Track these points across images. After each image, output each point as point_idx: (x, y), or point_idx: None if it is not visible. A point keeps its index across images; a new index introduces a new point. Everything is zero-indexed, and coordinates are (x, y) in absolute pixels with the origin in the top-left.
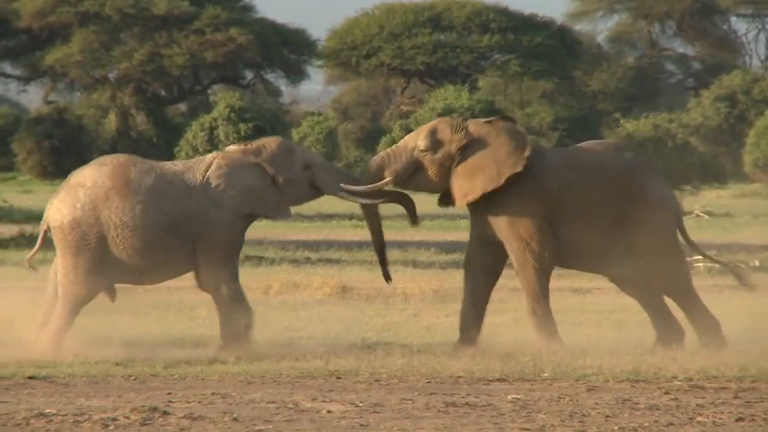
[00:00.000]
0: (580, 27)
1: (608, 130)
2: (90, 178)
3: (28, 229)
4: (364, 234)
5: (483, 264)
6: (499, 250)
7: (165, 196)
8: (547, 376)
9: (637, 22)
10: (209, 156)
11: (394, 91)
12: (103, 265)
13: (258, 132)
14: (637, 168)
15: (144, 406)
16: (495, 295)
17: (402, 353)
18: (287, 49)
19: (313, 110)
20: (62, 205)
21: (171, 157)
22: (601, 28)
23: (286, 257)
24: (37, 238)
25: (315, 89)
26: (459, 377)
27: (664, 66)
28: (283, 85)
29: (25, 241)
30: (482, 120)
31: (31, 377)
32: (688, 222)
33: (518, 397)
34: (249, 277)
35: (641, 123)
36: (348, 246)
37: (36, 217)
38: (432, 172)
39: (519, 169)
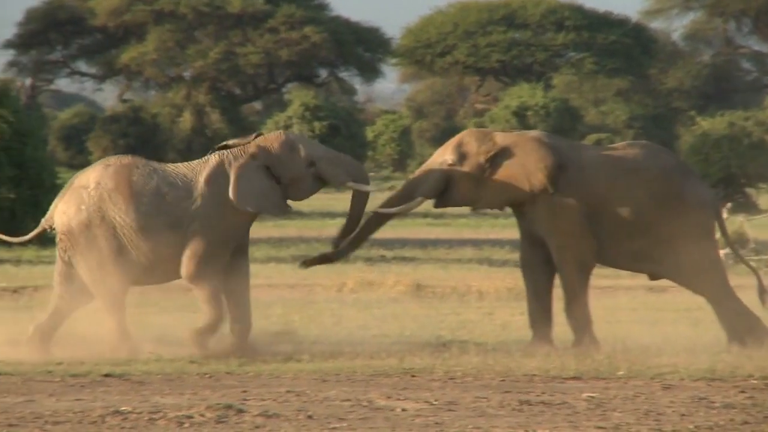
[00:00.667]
0: (655, 25)
1: (683, 128)
2: (93, 180)
3: None
4: (439, 232)
5: (538, 261)
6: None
7: (168, 197)
8: (623, 374)
9: (713, 20)
10: (213, 157)
11: (469, 89)
12: (121, 258)
13: (332, 131)
14: (675, 168)
15: (219, 403)
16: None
17: (477, 351)
18: (362, 47)
19: (387, 108)
20: (67, 207)
21: None
22: (676, 26)
23: (361, 255)
24: None
25: (389, 87)
26: (534, 375)
27: (740, 64)
28: (357, 83)
29: None
30: (511, 131)
31: (106, 375)
32: (762, 220)
33: (593, 395)
34: (323, 275)
35: (716, 121)
36: (422, 244)
37: None
38: (463, 185)
39: (549, 187)
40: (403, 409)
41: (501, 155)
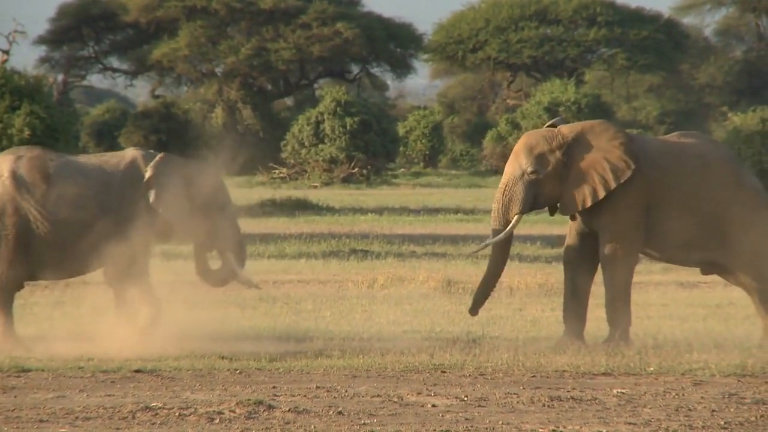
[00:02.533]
0: (688, 20)
1: (715, 124)
2: (6, 169)
3: None
4: (469, 228)
5: (582, 256)
6: (596, 241)
7: (82, 190)
8: (653, 370)
9: (745, 15)
10: (128, 151)
11: (500, 84)
12: (24, 256)
13: (364, 126)
14: (732, 157)
15: (249, 399)
16: (599, 289)
17: (507, 347)
18: (393, 43)
19: (418, 104)
20: None
21: (278, 150)
22: (708, 22)
23: (392, 251)
24: None
25: (421, 83)
26: (564, 371)
27: None
28: (389, 79)
29: None
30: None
31: (137, 371)
32: None
33: (623, 391)
34: (354, 271)
35: (748, 116)
36: (453, 240)
37: None
38: (550, 187)
39: (629, 172)
40: (434, 405)
41: (574, 146)
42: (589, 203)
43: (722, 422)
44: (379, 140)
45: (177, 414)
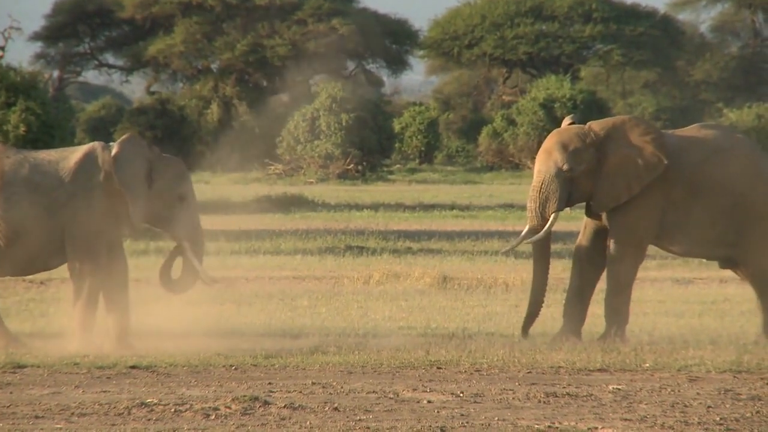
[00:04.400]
0: (683, 16)
1: (711, 120)
2: None
3: None
4: (465, 224)
5: (594, 255)
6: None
7: (38, 186)
8: (649, 366)
9: (741, 11)
10: (86, 146)
11: (496, 81)
12: None
13: (359, 123)
14: (755, 148)
15: (245, 395)
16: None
17: (503, 343)
18: (389, 39)
19: (414, 100)
20: None
21: (273, 147)
22: (704, 18)
23: (387, 247)
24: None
25: (416, 79)
26: (560, 368)
27: None
28: (384, 75)
29: (126, 231)
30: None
31: (132, 367)
32: None
33: (619, 387)
34: (350, 267)
35: (744, 113)
36: (449, 236)
37: None
38: (586, 182)
39: (662, 167)
40: (429, 401)
41: (607, 142)
42: (623, 199)
43: (718, 418)
44: (375, 136)
45: (173, 410)
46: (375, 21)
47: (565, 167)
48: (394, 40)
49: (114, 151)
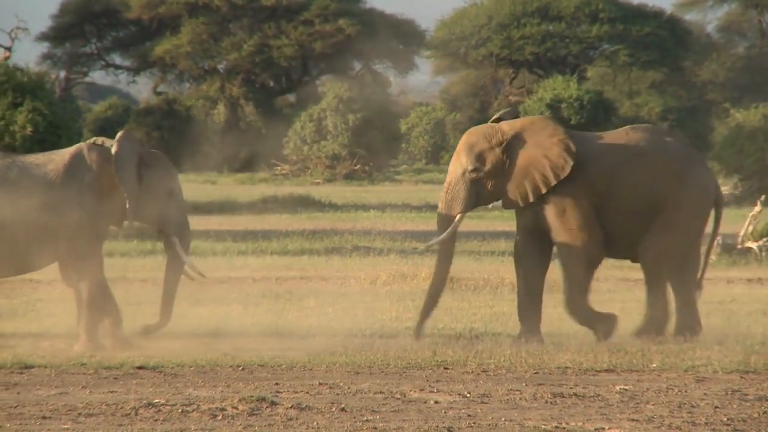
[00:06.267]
0: (690, 17)
1: (718, 121)
2: None
3: None
4: (471, 224)
5: (532, 253)
6: (546, 238)
7: (26, 189)
8: (656, 366)
9: (748, 12)
10: (72, 148)
11: (503, 81)
12: None
13: (366, 123)
14: (681, 153)
15: (252, 396)
16: (603, 285)
17: (510, 344)
18: (396, 39)
19: (421, 101)
20: None
21: (280, 147)
22: (710, 18)
23: (394, 248)
24: (144, 228)
25: (423, 80)
26: (567, 368)
27: None
28: (391, 75)
29: (133, 231)
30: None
31: (139, 367)
32: None
33: (626, 387)
34: (357, 268)
35: (751, 113)
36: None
37: None
38: (492, 183)
39: (569, 168)
40: (436, 402)
41: (514, 143)
42: (530, 199)
43: (725, 419)
44: (382, 137)
45: (179, 410)
46: (382, 21)
47: (470, 168)
48: (400, 41)
49: (114, 149)
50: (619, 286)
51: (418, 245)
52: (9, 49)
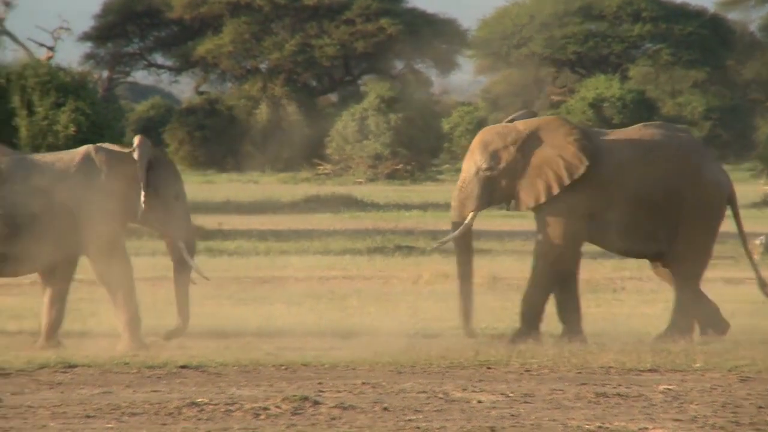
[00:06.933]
0: (733, 16)
1: (761, 120)
2: None
3: None
4: (514, 224)
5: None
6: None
7: (35, 188)
8: (699, 366)
9: None
10: (81, 147)
11: (545, 80)
12: None
13: (408, 122)
14: (695, 148)
15: (295, 395)
16: (646, 285)
17: (552, 343)
18: (438, 39)
19: (463, 100)
20: None
21: (322, 147)
22: (753, 17)
23: (436, 247)
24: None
25: (465, 79)
26: (610, 368)
27: None
28: (433, 75)
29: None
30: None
31: (183, 366)
32: None
33: (670, 387)
34: (399, 268)
35: None
36: (499, 236)
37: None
38: (506, 182)
39: (583, 169)
40: (479, 401)
41: (528, 142)
42: (543, 199)
43: None
44: (424, 136)
45: (223, 410)
46: (423, 21)
47: (484, 166)
48: (442, 40)
49: (136, 154)
50: (663, 286)
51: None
52: (52, 49)
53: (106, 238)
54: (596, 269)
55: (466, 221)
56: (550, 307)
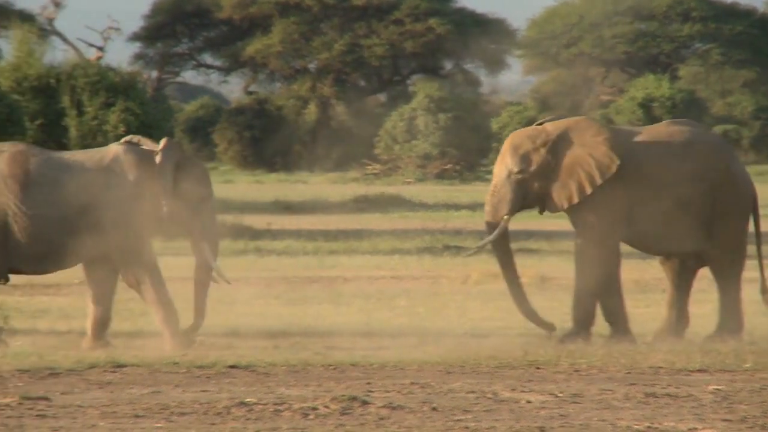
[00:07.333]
0: None
1: None
2: None
3: (228, 219)
4: (563, 224)
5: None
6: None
7: (64, 186)
8: (749, 366)
9: None
10: (111, 146)
11: (594, 80)
12: (3, 249)
13: (457, 122)
14: (723, 145)
15: (344, 395)
16: (695, 285)
17: (602, 343)
18: (486, 39)
19: (512, 100)
20: None
21: (371, 146)
22: None
23: (486, 248)
24: (237, 227)
25: (514, 79)
26: (659, 368)
27: None
28: (482, 74)
29: (225, 231)
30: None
31: (232, 366)
32: None
33: (719, 388)
34: (448, 267)
35: None
36: (548, 236)
37: (236, 207)
38: (538, 185)
39: (615, 167)
40: (528, 401)
41: (559, 143)
42: (576, 200)
43: None
44: (473, 136)
45: (271, 410)
46: (472, 20)
47: (515, 170)
48: (491, 40)
49: (158, 159)
50: (711, 287)
51: (510, 245)
52: (102, 49)
53: (129, 241)
54: (645, 269)
55: (500, 226)
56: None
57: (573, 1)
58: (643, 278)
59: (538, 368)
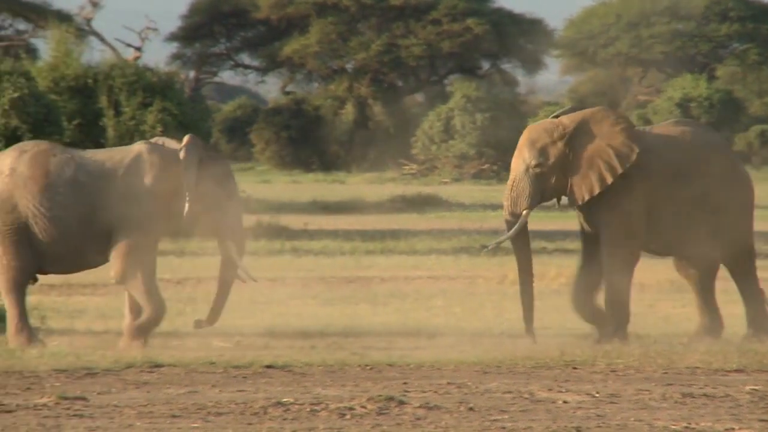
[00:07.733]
0: None
1: None
2: (8, 166)
3: (265, 219)
4: None
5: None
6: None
7: (83, 186)
8: None
9: None
10: (135, 145)
11: (631, 80)
12: (27, 249)
13: (494, 122)
14: (728, 146)
15: (380, 395)
16: (731, 285)
17: (638, 343)
18: (524, 38)
19: (549, 100)
20: None
21: (408, 146)
22: None
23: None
24: (274, 227)
25: (551, 79)
26: (696, 368)
27: None
28: (519, 75)
29: (262, 231)
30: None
31: (268, 366)
32: None
33: (756, 388)
34: (485, 267)
35: None
36: None
37: (273, 207)
38: (556, 178)
39: (634, 156)
40: (565, 402)
41: (576, 135)
42: (597, 191)
43: None
44: (510, 136)
45: (308, 410)
46: (510, 20)
47: (533, 163)
48: (528, 40)
49: (182, 155)
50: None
51: (547, 245)
52: (139, 49)
53: (133, 241)
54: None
55: (520, 221)
56: (637, 309)
57: (610, 1)
58: (678, 278)
59: (574, 368)
